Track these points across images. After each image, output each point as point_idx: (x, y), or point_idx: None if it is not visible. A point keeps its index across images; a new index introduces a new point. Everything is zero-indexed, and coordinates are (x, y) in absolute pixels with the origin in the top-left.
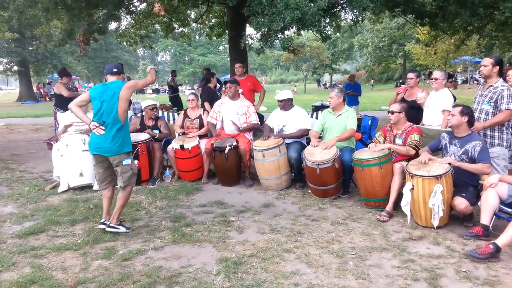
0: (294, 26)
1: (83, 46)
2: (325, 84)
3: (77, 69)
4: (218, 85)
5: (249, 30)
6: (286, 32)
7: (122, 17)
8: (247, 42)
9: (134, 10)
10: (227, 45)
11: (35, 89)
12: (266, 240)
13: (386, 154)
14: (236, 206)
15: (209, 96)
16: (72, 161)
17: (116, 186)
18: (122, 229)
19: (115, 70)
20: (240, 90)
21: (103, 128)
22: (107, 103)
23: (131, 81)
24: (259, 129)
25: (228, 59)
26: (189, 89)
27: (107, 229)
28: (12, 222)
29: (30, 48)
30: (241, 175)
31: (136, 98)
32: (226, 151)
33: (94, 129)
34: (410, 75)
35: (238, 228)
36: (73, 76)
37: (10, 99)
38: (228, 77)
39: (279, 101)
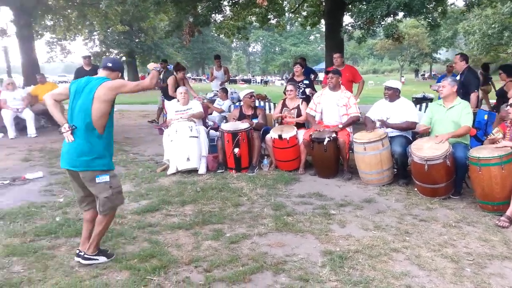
0: (400, 13)
1: (188, 38)
2: (423, 75)
3: (176, 59)
4: (312, 75)
5: (346, 18)
6: (388, 19)
7: (224, 9)
8: (347, 30)
9: (237, 1)
10: (318, 35)
11: (140, 78)
12: (371, 237)
13: (509, 153)
14: (336, 199)
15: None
16: (180, 146)
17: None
18: (101, 259)
19: (110, 64)
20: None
21: (72, 133)
22: (81, 102)
23: (117, 80)
24: (358, 122)
25: (319, 48)
26: (278, 80)
27: (82, 261)
28: (131, 200)
29: (137, 40)
30: (339, 167)
31: (234, 88)
32: (325, 142)
33: (63, 133)
34: None
35: (339, 222)
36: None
37: None
38: (320, 66)
39: (387, 88)
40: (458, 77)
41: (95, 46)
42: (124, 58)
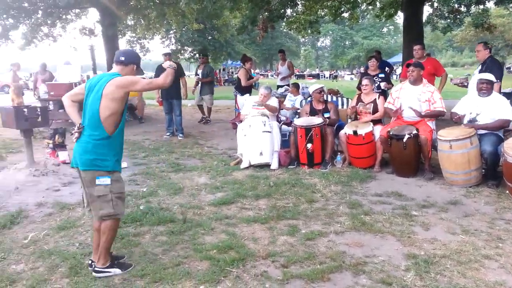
0: (490, 0)
1: (262, 33)
2: (508, 68)
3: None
4: (387, 69)
5: (426, 8)
6: (474, 8)
7: (297, 3)
8: (431, 20)
9: None
10: (391, 27)
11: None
12: (459, 242)
13: None
14: (417, 200)
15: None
16: (254, 141)
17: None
18: (114, 271)
19: (122, 58)
20: None
21: (80, 131)
22: (91, 100)
23: (127, 77)
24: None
25: (392, 41)
26: (348, 74)
27: (94, 274)
28: (207, 192)
29: (210, 38)
30: (419, 166)
31: (304, 83)
32: (404, 139)
33: (73, 133)
34: None
35: (423, 224)
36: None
37: (192, 83)
38: (394, 59)
39: (484, 81)
40: (479, 67)
41: (171, 44)
42: (197, 55)
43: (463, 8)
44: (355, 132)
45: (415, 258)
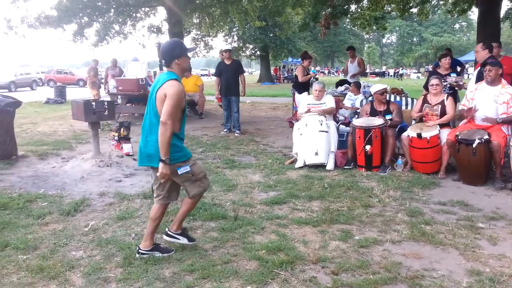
0: None
1: (324, 30)
2: None
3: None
4: (459, 68)
5: (505, 3)
6: None
7: None
8: (510, 16)
9: None
10: (464, 23)
11: (272, 72)
12: None
13: None
14: (485, 211)
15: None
16: (309, 140)
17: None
18: (183, 239)
19: (163, 61)
20: None
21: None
22: (151, 101)
23: (168, 94)
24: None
25: (465, 38)
26: (414, 73)
27: (137, 255)
28: (260, 190)
29: (271, 35)
30: (489, 174)
31: (366, 82)
32: (474, 145)
33: None
34: None
35: (490, 238)
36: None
37: (252, 80)
38: (467, 57)
39: None
40: (479, 68)
41: (234, 41)
42: (258, 53)
43: None
44: (419, 135)
45: (479, 275)
